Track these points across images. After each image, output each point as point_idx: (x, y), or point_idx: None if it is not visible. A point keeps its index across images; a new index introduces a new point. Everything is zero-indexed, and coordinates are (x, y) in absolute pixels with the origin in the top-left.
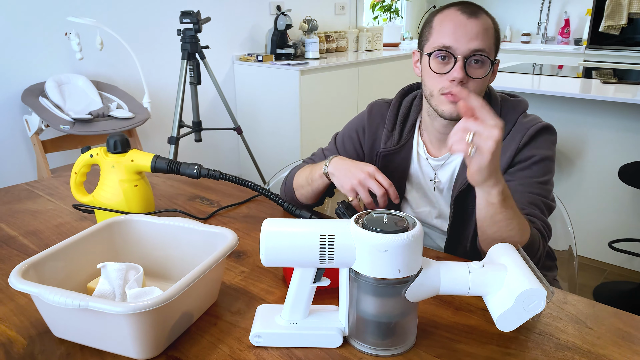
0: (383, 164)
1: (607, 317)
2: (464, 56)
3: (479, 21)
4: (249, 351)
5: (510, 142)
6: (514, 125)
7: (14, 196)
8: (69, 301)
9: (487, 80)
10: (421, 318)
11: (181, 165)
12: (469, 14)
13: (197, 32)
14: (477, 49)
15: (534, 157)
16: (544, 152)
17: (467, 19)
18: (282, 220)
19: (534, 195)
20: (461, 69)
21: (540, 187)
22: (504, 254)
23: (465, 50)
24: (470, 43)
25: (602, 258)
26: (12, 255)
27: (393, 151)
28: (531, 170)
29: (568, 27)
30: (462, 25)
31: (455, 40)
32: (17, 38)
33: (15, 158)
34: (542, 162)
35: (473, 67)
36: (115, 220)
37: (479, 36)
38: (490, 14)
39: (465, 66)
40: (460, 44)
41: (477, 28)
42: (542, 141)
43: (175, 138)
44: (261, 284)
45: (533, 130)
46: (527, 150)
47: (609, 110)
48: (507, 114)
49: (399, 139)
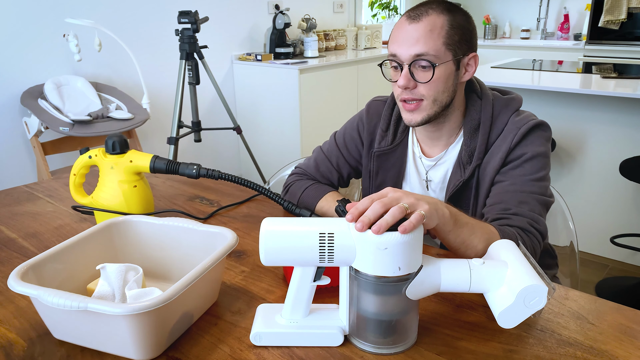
0: (377, 163)
1: (609, 313)
2: (407, 62)
3: (420, 24)
4: (249, 351)
5: (502, 142)
6: (505, 125)
7: (14, 198)
8: (68, 303)
9: (443, 82)
10: (422, 315)
11: (180, 165)
12: (412, 18)
13: (195, 32)
14: (418, 53)
15: (526, 155)
16: (536, 148)
17: (409, 24)
18: (282, 219)
19: (526, 194)
20: (404, 76)
21: (533, 184)
22: (504, 250)
23: (407, 56)
24: (410, 49)
25: (604, 254)
26: (11, 257)
27: (387, 151)
28: (523, 169)
29: (567, 23)
30: (404, 31)
31: (399, 48)
32: (16, 40)
33: (15, 160)
34: (534, 159)
35: (420, 71)
36: (115, 221)
37: (419, 40)
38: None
39: (412, 72)
40: (402, 50)
41: (418, 32)
42: (535, 138)
43: (175, 138)
44: (261, 284)
45: (525, 129)
46: (519, 149)
47: (609, 105)
48: (500, 113)
49: (394, 138)
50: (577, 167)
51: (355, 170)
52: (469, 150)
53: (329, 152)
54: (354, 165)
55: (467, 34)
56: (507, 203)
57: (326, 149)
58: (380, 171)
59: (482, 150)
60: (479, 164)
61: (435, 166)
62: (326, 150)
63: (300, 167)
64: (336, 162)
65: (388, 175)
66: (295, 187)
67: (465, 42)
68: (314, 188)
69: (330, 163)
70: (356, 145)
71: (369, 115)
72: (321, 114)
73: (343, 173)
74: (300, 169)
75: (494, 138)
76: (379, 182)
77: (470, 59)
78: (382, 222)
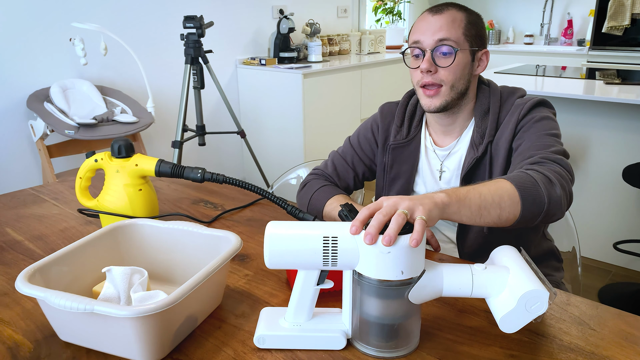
0: (392, 156)
1: (611, 319)
2: (430, 48)
3: (443, 15)
4: (253, 354)
5: (510, 117)
6: (512, 105)
7: (20, 201)
8: (74, 305)
9: (461, 69)
10: (424, 320)
11: (185, 169)
12: (435, 11)
13: (200, 37)
14: (441, 38)
15: (534, 118)
16: (543, 113)
17: (432, 15)
18: (286, 222)
19: (543, 143)
20: (427, 60)
21: (547, 137)
22: (506, 256)
23: (430, 42)
24: (434, 35)
25: (606, 259)
26: (18, 259)
27: (402, 144)
28: (535, 127)
29: (571, 28)
30: (427, 22)
31: (422, 34)
32: (23, 44)
33: (21, 163)
34: (543, 120)
35: (441, 58)
36: (120, 225)
37: (443, 28)
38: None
39: (434, 58)
40: (426, 37)
41: (441, 21)
42: (540, 110)
43: (179, 142)
44: (265, 287)
45: (531, 104)
46: (527, 118)
47: (612, 111)
48: (507, 97)
49: (408, 132)
50: (580, 173)
51: (369, 170)
52: (480, 131)
53: (344, 153)
54: (368, 164)
55: (480, 31)
56: (532, 153)
57: (341, 151)
58: (395, 164)
59: (492, 127)
60: (490, 141)
61: (449, 155)
62: (341, 152)
63: (318, 167)
64: (351, 160)
65: (402, 168)
66: (311, 185)
67: (480, 37)
68: (327, 189)
69: (346, 162)
70: (370, 145)
71: (383, 115)
72: (325, 118)
73: (358, 172)
74: (318, 169)
75: (503, 118)
76: (393, 175)
77: (483, 54)
78: (389, 232)
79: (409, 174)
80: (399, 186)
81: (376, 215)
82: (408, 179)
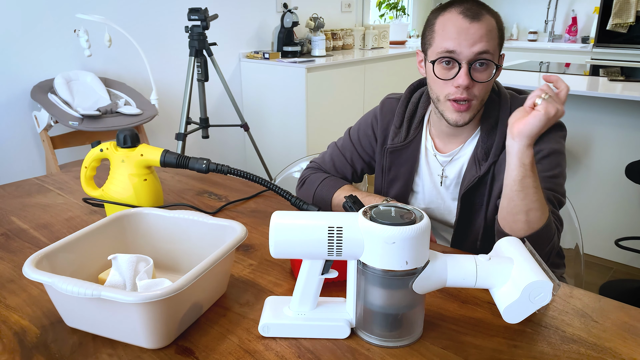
0: (390, 159)
1: (613, 311)
2: (468, 61)
3: (482, 24)
4: (257, 341)
5: None
6: None
7: (25, 190)
8: (82, 290)
9: (492, 82)
10: (428, 311)
11: (190, 159)
12: (471, 17)
13: (204, 29)
14: (481, 51)
15: (542, 152)
16: (553, 145)
17: (470, 22)
18: (291, 212)
19: (544, 190)
20: (466, 75)
21: (549, 181)
22: (510, 247)
23: (469, 54)
24: (473, 47)
25: (608, 256)
26: (24, 247)
27: (400, 147)
28: (540, 165)
29: (575, 25)
30: (465, 30)
31: (458, 45)
32: (27, 35)
33: (25, 154)
34: (550, 156)
35: (478, 71)
36: (126, 213)
37: (482, 39)
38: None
39: (470, 70)
40: (463, 48)
41: (481, 31)
42: (551, 136)
43: (183, 134)
44: (269, 277)
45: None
46: (536, 147)
47: (616, 108)
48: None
49: (407, 135)
50: (582, 170)
51: (368, 166)
52: (485, 147)
53: (343, 148)
54: (367, 161)
55: (504, 37)
56: None
57: (340, 145)
58: (393, 167)
59: (498, 147)
60: (495, 161)
61: (451, 162)
62: (340, 146)
63: (315, 161)
64: (350, 157)
65: (400, 171)
66: (312, 179)
67: (502, 44)
68: (331, 180)
69: (345, 158)
70: (370, 142)
71: (383, 113)
72: (328, 112)
73: (357, 168)
74: (316, 163)
75: None
76: (391, 177)
77: (502, 59)
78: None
79: (407, 175)
80: (398, 187)
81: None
82: (407, 180)
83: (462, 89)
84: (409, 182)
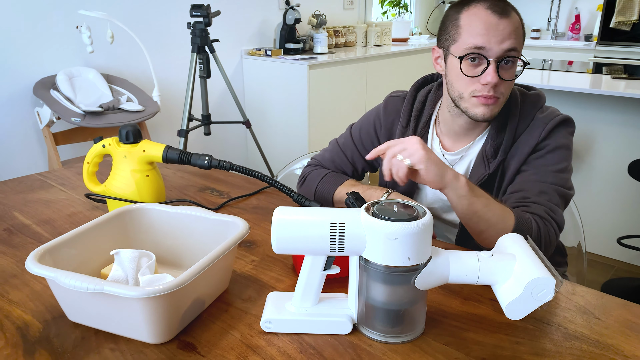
0: None
1: (616, 308)
2: (496, 58)
3: (510, 20)
4: (259, 337)
5: (528, 137)
6: (532, 120)
7: (27, 186)
8: (84, 285)
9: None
10: (430, 307)
11: (192, 155)
12: (499, 13)
13: (207, 26)
14: (509, 48)
15: (548, 146)
16: (559, 140)
17: (499, 18)
18: (294, 208)
19: (547, 185)
20: (494, 72)
21: (554, 175)
22: (513, 244)
23: (498, 51)
24: (502, 44)
25: (610, 254)
26: (26, 242)
27: None
28: (545, 159)
29: (578, 23)
30: (494, 25)
31: (488, 41)
32: (29, 31)
33: (27, 150)
34: (556, 150)
35: (505, 69)
36: (128, 209)
37: (511, 35)
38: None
39: (499, 69)
40: (492, 45)
41: (510, 27)
42: (560, 132)
43: (185, 131)
44: (271, 273)
45: (551, 125)
46: (543, 142)
47: (618, 106)
48: (525, 109)
49: (414, 134)
50: (585, 168)
51: (370, 165)
52: (494, 145)
53: (344, 146)
54: (369, 161)
55: (525, 33)
56: (527, 192)
57: (342, 143)
58: None
59: (508, 145)
60: (504, 159)
61: (460, 160)
62: (342, 144)
63: (315, 158)
64: (351, 156)
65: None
66: (312, 176)
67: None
68: (332, 176)
69: (345, 157)
70: (372, 141)
71: (387, 112)
72: (330, 109)
73: (357, 167)
74: (316, 160)
75: (519, 133)
76: None
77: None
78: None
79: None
80: (402, 188)
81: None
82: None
83: (490, 87)
84: (414, 184)
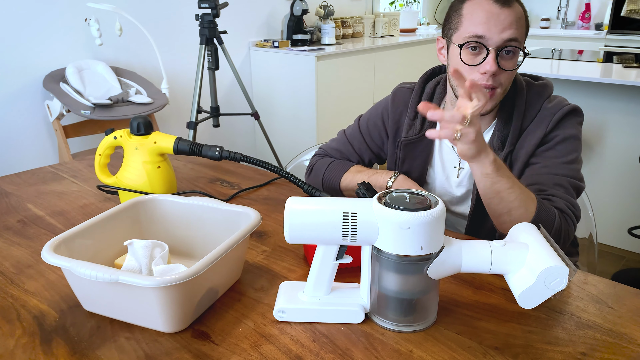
0: (404, 152)
1: (629, 297)
2: (496, 47)
3: (512, 10)
4: (272, 326)
5: (536, 127)
6: (539, 111)
7: (39, 178)
8: (100, 275)
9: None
10: (442, 297)
11: (203, 147)
12: (502, 3)
13: (215, 17)
14: (510, 38)
15: (558, 137)
16: (568, 131)
17: (500, 8)
18: (306, 198)
19: (559, 177)
20: (494, 61)
21: (565, 167)
22: (525, 233)
23: (498, 40)
24: (503, 33)
25: (620, 245)
26: (40, 234)
27: (415, 140)
28: (555, 151)
29: (589, 12)
30: (495, 15)
31: (488, 30)
32: (38, 24)
33: (37, 143)
34: (566, 141)
35: (505, 58)
36: (141, 200)
37: (512, 25)
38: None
39: (497, 57)
40: (492, 34)
41: (511, 17)
42: (567, 122)
43: (194, 123)
44: (283, 263)
45: (559, 115)
46: (551, 133)
47: (629, 95)
48: (532, 100)
49: (421, 127)
50: (595, 158)
51: (377, 157)
52: (501, 137)
53: (352, 137)
54: (376, 152)
55: (529, 25)
56: (542, 185)
57: (349, 134)
58: (407, 160)
59: (515, 136)
60: (511, 150)
61: None
62: (349, 135)
63: (323, 148)
64: (358, 147)
65: (414, 163)
66: (318, 165)
67: (528, 32)
68: (338, 163)
69: (352, 147)
70: (379, 133)
71: (395, 104)
72: (337, 101)
73: (364, 158)
74: (323, 150)
75: (526, 124)
76: (405, 169)
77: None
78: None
79: (421, 168)
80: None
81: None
82: (421, 172)
83: (489, 76)
84: (423, 175)
